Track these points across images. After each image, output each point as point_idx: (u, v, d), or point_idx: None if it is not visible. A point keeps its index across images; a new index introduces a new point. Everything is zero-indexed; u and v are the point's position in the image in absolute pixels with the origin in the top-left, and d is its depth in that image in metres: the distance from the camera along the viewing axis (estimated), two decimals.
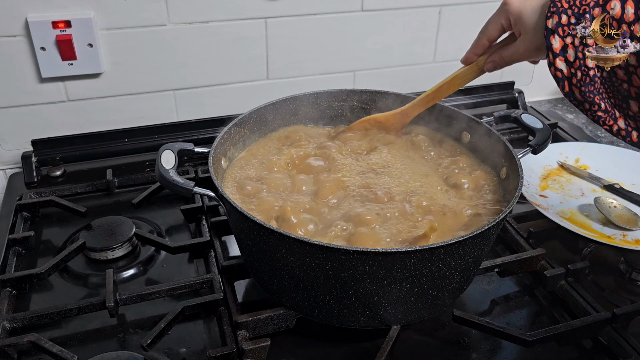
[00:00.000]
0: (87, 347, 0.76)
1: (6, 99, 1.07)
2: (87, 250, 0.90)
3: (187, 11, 1.09)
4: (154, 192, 1.02)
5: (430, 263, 0.66)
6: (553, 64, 0.64)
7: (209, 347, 0.75)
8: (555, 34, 0.63)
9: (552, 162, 1.12)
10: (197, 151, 0.79)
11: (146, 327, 0.79)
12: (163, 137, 1.15)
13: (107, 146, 1.13)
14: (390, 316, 0.72)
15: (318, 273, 0.66)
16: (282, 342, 0.76)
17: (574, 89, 0.64)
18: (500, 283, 0.88)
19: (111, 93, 1.13)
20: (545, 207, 0.98)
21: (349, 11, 1.20)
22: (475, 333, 0.78)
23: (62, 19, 1.02)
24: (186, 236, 0.97)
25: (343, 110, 0.99)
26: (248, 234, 0.71)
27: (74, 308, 0.78)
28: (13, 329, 0.77)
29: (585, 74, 0.63)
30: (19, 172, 1.11)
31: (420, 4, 1.24)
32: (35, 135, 1.10)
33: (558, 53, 0.64)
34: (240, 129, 0.88)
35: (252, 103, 0.91)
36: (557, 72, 0.65)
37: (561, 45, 0.63)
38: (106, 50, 1.08)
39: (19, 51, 1.03)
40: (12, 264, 0.88)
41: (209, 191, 0.73)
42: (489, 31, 0.78)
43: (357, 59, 1.27)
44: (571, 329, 0.75)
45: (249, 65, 1.19)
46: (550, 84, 1.46)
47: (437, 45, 1.31)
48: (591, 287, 0.88)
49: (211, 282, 0.82)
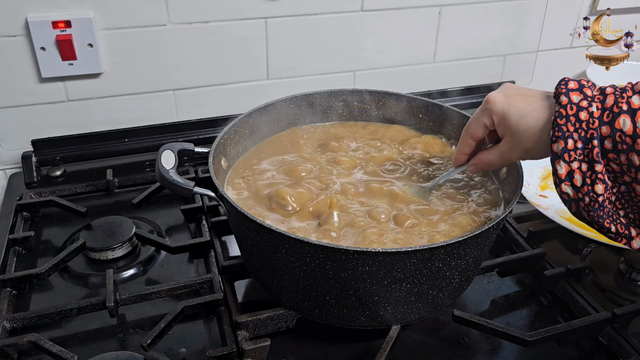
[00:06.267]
0: (87, 347, 0.76)
1: (6, 99, 1.07)
2: (87, 250, 0.90)
3: (187, 11, 1.09)
4: (154, 192, 1.02)
5: (430, 263, 0.66)
6: (559, 185, 0.61)
7: (209, 347, 0.75)
8: (561, 160, 0.60)
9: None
10: (197, 151, 0.79)
11: (146, 327, 0.79)
12: (163, 137, 1.15)
13: (107, 146, 1.13)
14: (390, 316, 0.72)
15: (318, 273, 0.66)
16: (282, 342, 0.76)
17: (582, 210, 0.61)
18: (500, 283, 0.88)
19: (111, 93, 1.13)
20: (545, 207, 0.98)
21: (349, 11, 1.20)
22: (475, 333, 0.78)
23: (62, 19, 1.02)
24: (186, 236, 0.97)
25: (343, 110, 0.99)
26: (248, 234, 0.71)
27: (74, 308, 0.78)
28: (13, 329, 0.77)
29: (594, 199, 0.59)
30: (19, 172, 1.11)
31: (420, 4, 1.24)
32: (35, 135, 1.10)
33: (564, 179, 0.60)
34: (240, 129, 0.88)
35: (252, 103, 0.91)
36: (564, 195, 0.61)
37: (567, 171, 0.60)
38: (106, 50, 1.08)
39: (19, 51, 1.03)
40: (12, 264, 0.87)
41: (209, 191, 0.73)
42: (472, 129, 0.72)
43: (357, 59, 1.27)
44: (571, 329, 0.75)
45: (249, 65, 1.19)
46: (550, 84, 1.46)
47: (437, 45, 1.31)
48: (591, 287, 0.88)
49: (211, 282, 0.82)
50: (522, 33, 1.36)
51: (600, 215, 0.60)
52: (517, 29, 1.35)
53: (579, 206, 0.61)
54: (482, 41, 1.34)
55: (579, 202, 0.61)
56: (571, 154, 0.59)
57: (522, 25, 1.35)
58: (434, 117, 0.95)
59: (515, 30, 1.35)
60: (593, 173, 0.59)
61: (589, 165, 0.59)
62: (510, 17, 1.33)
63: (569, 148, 0.59)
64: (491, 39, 1.34)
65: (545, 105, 0.64)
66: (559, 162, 0.60)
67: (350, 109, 0.99)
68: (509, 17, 1.32)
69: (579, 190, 0.60)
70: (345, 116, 0.99)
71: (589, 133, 0.59)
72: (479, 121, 0.71)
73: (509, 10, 1.32)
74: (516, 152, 0.68)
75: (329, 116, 0.99)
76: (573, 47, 1.43)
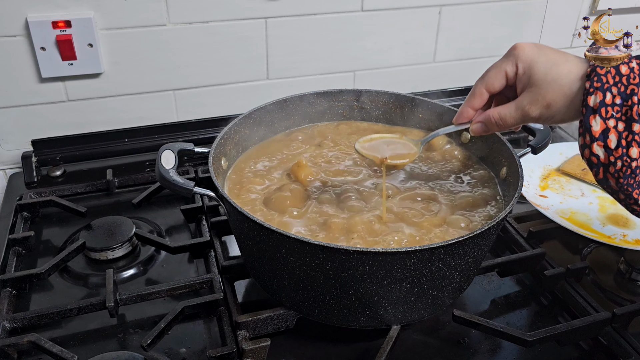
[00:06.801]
0: (87, 347, 0.76)
1: (6, 99, 1.07)
2: (87, 250, 0.90)
3: (187, 11, 1.09)
4: (154, 192, 1.02)
5: (430, 263, 0.66)
6: (589, 147, 0.56)
7: (209, 347, 0.75)
8: (597, 115, 0.54)
9: (552, 162, 1.12)
10: (197, 151, 0.78)
11: (146, 327, 0.79)
12: (163, 137, 1.15)
13: (107, 146, 1.13)
14: (390, 316, 0.72)
15: (318, 273, 0.66)
16: (282, 342, 0.76)
17: (610, 177, 0.56)
18: (500, 283, 0.88)
19: (111, 93, 1.13)
20: (545, 207, 0.98)
21: (349, 11, 1.20)
22: (475, 333, 0.78)
23: (62, 19, 1.02)
24: (186, 236, 0.97)
25: (344, 110, 0.99)
26: (248, 234, 0.71)
27: (74, 308, 0.78)
28: (13, 329, 0.77)
29: (627, 164, 0.54)
30: (19, 172, 1.11)
31: (420, 4, 1.24)
32: (35, 135, 1.10)
33: (597, 137, 0.55)
34: (240, 129, 0.88)
35: (252, 103, 0.91)
36: (592, 157, 0.56)
37: (602, 129, 0.54)
38: (106, 50, 1.08)
39: (19, 51, 1.03)
40: (12, 264, 0.87)
41: (209, 191, 0.73)
42: (490, 79, 0.65)
43: (357, 59, 1.27)
44: (571, 329, 0.75)
45: (249, 65, 1.19)
46: None
47: (437, 45, 1.31)
48: (591, 287, 0.88)
49: (211, 282, 0.82)
50: (522, 33, 1.36)
51: (631, 183, 0.55)
52: (517, 29, 1.35)
53: (607, 171, 0.56)
54: (482, 41, 1.33)
55: (609, 166, 0.55)
56: (608, 109, 0.54)
57: (522, 26, 1.35)
58: (434, 117, 0.95)
59: (515, 30, 1.35)
60: (630, 134, 0.54)
61: (626, 125, 0.54)
62: (510, 17, 1.32)
63: (607, 102, 0.54)
64: (491, 39, 1.34)
65: (579, 60, 0.59)
66: (595, 118, 0.55)
67: (351, 109, 0.99)
68: (509, 17, 1.32)
69: (612, 152, 0.55)
70: (345, 116, 0.99)
71: (629, 88, 0.54)
72: (500, 69, 0.64)
73: (509, 10, 1.32)
74: (536, 107, 0.61)
75: (330, 116, 0.99)
76: (573, 47, 1.44)
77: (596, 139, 0.55)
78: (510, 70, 0.63)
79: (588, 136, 0.56)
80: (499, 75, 0.64)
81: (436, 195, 0.81)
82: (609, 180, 0.56)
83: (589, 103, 0.55)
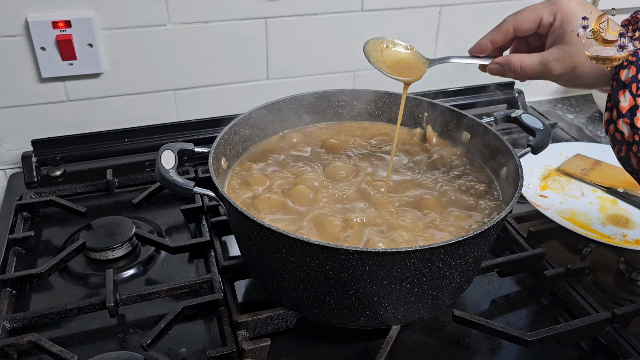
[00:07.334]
0: (87, 347, 0.76)
1: (6, 99, 1.07)
2: (87, 250, 0.90)
3: (187, 11, 1.09)
4: (154, 192, 1.02)
5: (430, 263, 0.66)
6: (614, 122, 0.54)
7: (209, 347, 0.75)
8: (627, 90, 0.52)
9: (552, 162, 1.12)
10: (197, 151, 0.78)
11: (146, 327, 0.79)
12: (163, 137, 1.15)
13: (107, 146, 1.13)
14: (390, 316, 0.72)
15: (318, 273, 0.66)
16: (282, 342, 0.76)
17: (632, 156, 0.54)
18: (500, 283, 0.88)
19: (111, 93, 1.13)
20: (545, 207, 0.98)
21: (349, 11, 1.20)
22: (475, 333, 0.78)
23: (62, 19, 1.02)
24: (186, 236, 0.97)
25: (344, 110, 0.99)
26: (248, 234, 0.71)
27: (74, 308, 0.78)
28: (13, 329, 0.77)
29: None
30: (19, 172, 1.11)
31: (420, 4, 1.24)
32: (35, 135, 1.10)
33: (624, 113, 0.53)
34: (240, 129, 0.88)
35: (252, 103, 0.91)
36: (617, 134, 0.54)
37: (630, 106, 0.52)
38: (106, 50, 1.08)
39: (19, 51, 1.03)
40: (12, 264, 0.87)
41: (209, 191, 0.73)
42: (522, 18, 0.62)
43: (357, 59, 1.26)
44: (571, 329, 0.75)
45: (249, 65, 1.19)
46: (550, 84, 1.46)
47: (437, 45, 1.31)
48: (591, 287, 0.88)
49: (211, 282, 0.82)
50: None
51: None
52: None
53: (630, 149, 0.54)
54: None
55: (632, 145, 0.53)
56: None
57: None
58: (434, 117, 0.95)
59: None
60: None
61: None
62: None
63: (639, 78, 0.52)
64: None
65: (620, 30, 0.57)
66: (624, 93, 0.52)
67: (351, 108, 0.99)
68: None
69: (637, 131, 0.52)
70: (345, 116, 0.99)
71: None
72: (537, 13, 0.60)
73: (509, 10, 1.30)
74: (561, 66, 0.58)
75: (330, 116, 0.99)
76: None
77: (623, 115, 0.53)
78: (547, 18, 0.60)
79: (615, 111, 0.54)
80: (533, 18, 0.61)
81: (436, 195, 0.81)
82: (631, 159, 0.55)
83: (620, 77, 0.53)
